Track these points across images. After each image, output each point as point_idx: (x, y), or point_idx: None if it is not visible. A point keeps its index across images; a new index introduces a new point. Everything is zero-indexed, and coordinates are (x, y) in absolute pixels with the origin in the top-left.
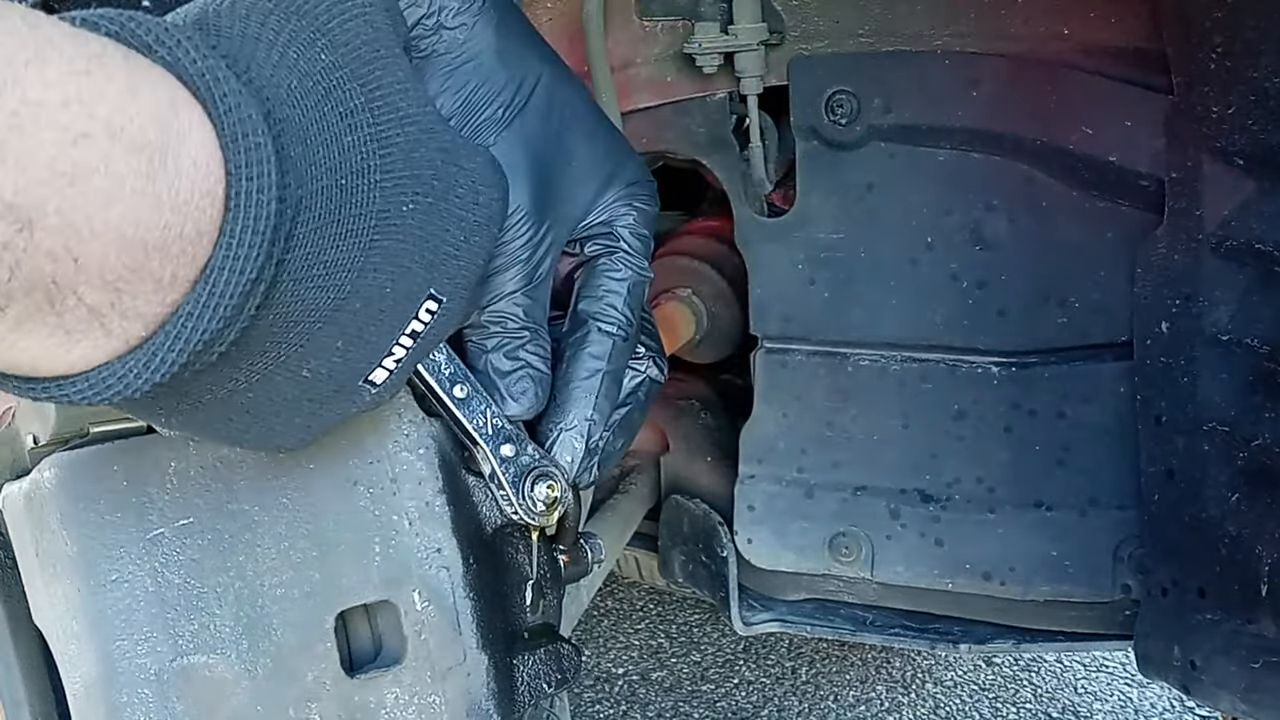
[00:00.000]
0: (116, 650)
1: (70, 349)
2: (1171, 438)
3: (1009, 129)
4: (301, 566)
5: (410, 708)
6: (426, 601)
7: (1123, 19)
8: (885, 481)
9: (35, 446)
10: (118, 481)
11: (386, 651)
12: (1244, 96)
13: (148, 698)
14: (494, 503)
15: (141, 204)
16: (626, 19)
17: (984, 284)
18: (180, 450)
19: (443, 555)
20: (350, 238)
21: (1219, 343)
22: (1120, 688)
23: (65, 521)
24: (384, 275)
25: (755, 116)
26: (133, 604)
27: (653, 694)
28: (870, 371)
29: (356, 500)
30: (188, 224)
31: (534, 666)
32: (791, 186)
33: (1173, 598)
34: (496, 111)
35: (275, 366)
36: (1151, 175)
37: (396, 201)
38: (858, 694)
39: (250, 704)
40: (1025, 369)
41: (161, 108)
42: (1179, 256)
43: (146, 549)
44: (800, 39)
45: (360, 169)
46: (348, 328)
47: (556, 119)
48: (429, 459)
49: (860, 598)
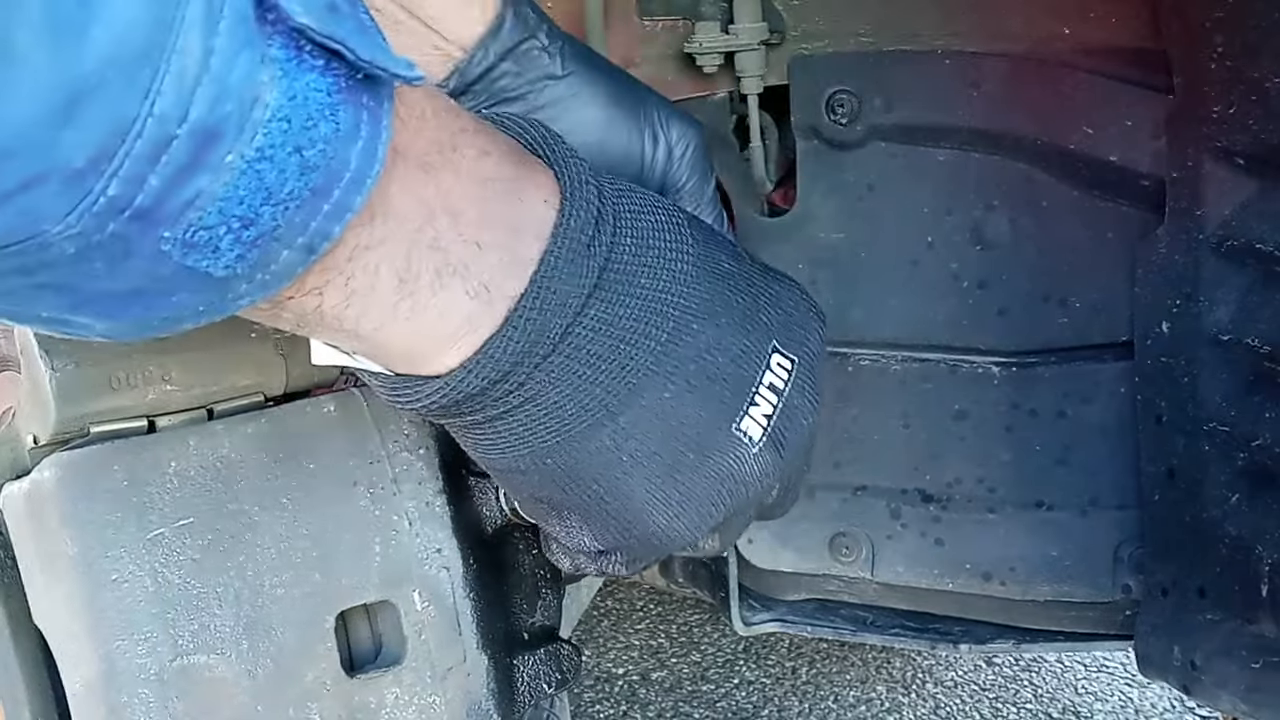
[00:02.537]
0: (116, 650)
1: (459, 321)
2: (1172, 438)
3: (1010, 129)
4: (302, 566)
5: (410, 708)
6: (427, 601)
7: (1123, 19)
8: (886, 481)
9: (35, 446)
10: (118, 481)
11: (386, 651)
12: (1245, 96)
13: (148, 697)
14: (494, 502)
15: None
16: (627, 18)
17: (985, 284)
18: (180, 450)
19: (443, 555)
20: (667, 276)
21: (1219, 343)
22: (1121, 688)
23: (65, 521)
24: (708, 321)
25: (755, 116)
26: (133, 604)
27: (653, 694)
28: (871, 371)
29: (357, 500)
30: (533, 218)
31: (534, 667)
32: (792, 186)
33: (1173, 598)
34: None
35: (627, 377)
36: (1152, 175)
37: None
38: (858, 694)
39: (250, 704)
40: (1026, 369)
41: (522, 152)
42: (1179, 256)
43: (147, 549)
44: (801, 39)
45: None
46: (687, 366)
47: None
48: (429, 459)
49: (860, 598)
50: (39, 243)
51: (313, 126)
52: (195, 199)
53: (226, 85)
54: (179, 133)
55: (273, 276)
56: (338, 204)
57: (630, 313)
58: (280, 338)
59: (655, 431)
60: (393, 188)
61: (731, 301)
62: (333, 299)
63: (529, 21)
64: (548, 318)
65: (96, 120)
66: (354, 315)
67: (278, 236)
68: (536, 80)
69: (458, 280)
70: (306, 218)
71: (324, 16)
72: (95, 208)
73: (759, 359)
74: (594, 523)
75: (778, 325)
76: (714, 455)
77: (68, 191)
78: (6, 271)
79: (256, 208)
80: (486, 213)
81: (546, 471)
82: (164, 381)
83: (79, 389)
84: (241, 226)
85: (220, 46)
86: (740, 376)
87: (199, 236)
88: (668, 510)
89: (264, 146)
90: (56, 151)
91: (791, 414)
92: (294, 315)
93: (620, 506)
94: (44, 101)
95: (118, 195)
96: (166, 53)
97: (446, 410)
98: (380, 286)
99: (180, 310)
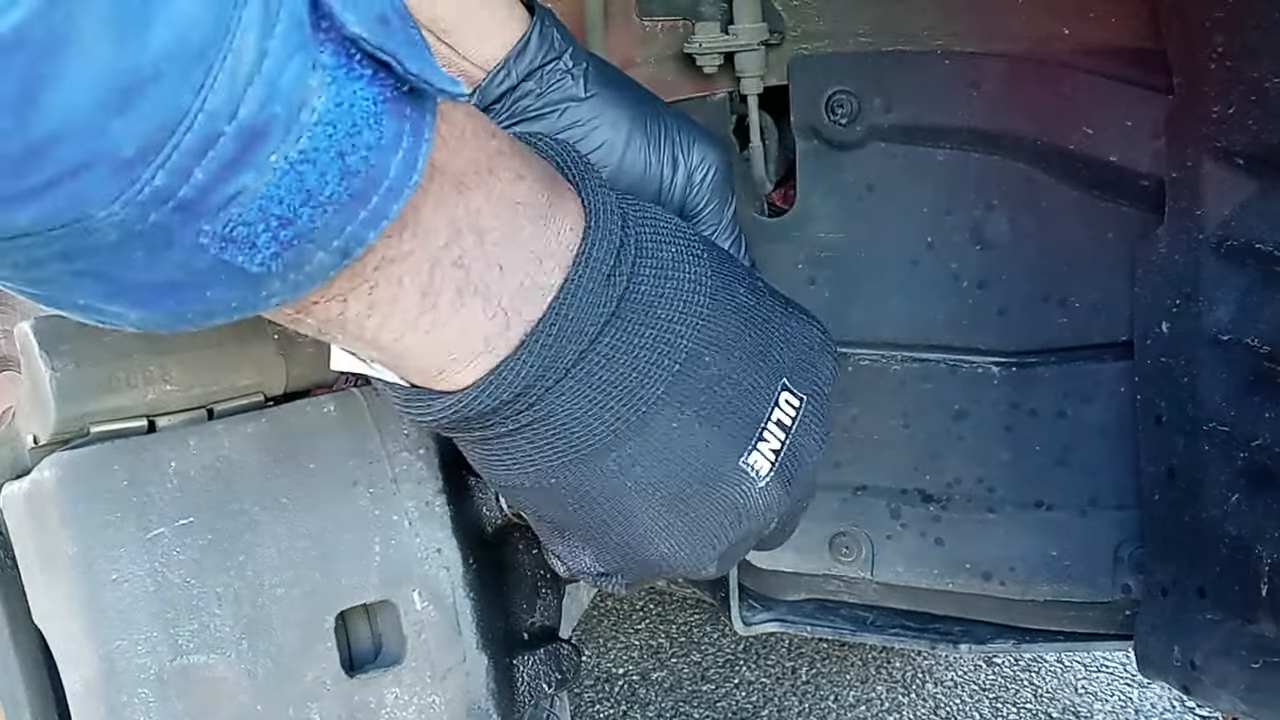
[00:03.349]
0: (116, 650)
1: (480, 336)
2: (1171, 437)
3: (1009, 129)
4: (302, 566)
5: (410, 708)
6: (426, 601)
7: (1123, 19)
8: (886, 481)
9: (35, 446)
10: (118, 481)
11: (386, 651)
12: (1244, 96)
13: (147, 698)
14: (494, 503)
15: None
16: (627, 18)
17: (984, 284)
18: (180, 450)
19: (443, 555)
20: (687, 303)
21: (1219, 343)
22: (1121, 688)
23: (65, 521)
24: (721, 353)
25: (755, 116)
26: (133, 604)
27: (653, 694)
28: (871, 371)
29: (357, 500)
30: (558, 245)
31: (534, 667)
32: (792, 186)
33: (1173, 598)
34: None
35: (637, 408)
36: (1152, 175)
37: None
38: (858, 694)
39: (250, 704)
40: (1026, 369)
41: (554, 178)
42: (1179, 256)
43: (147, 549)
44: (800, 39)
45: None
46: (699, 393)
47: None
48: (429, 459)
49: (860, 598)
50: (84, 227)
51: (357, 133)
52: (237, 195)
53: (277, 87)
54: (227, 130)
55: (305, 278)
56: (375, 210)
57: (645, 342)
58: (280, 338)
59: (662, 459)
60: (427, 202)
61: (745, 335)
62: (355, 307)
63: (554, 43)
64: (563, 345)
65: (149, 112)
66: (375, 325)
67: (314, 238)
68: (559, 101)
69: (478, 300)
70: (343, 222)
71: (375, 28)
72: (140, 196)
73: (769, 395)
74: (596, 545)
75: (789, 362)
76: (720, 487)
77: (115, 179)
78: (48, 257)
79: (296, 208)
80: (513, 236)
81: (551, 491)
82: (164, 381)
83: (79, 389)
84: (280, 225)
85: (274, 50)
86: (750, 411)
87: (238, 232)
88: (671, 538)
89: (308, 149)
90: (108, 139)
91: (798, 451)
92: (317, 321)
93: (623, 531)
94: (101, 90)
95: (163, 186)
96: (222, 52)
97: (456, 425)
98: (403, 299)
99: (213, 305)
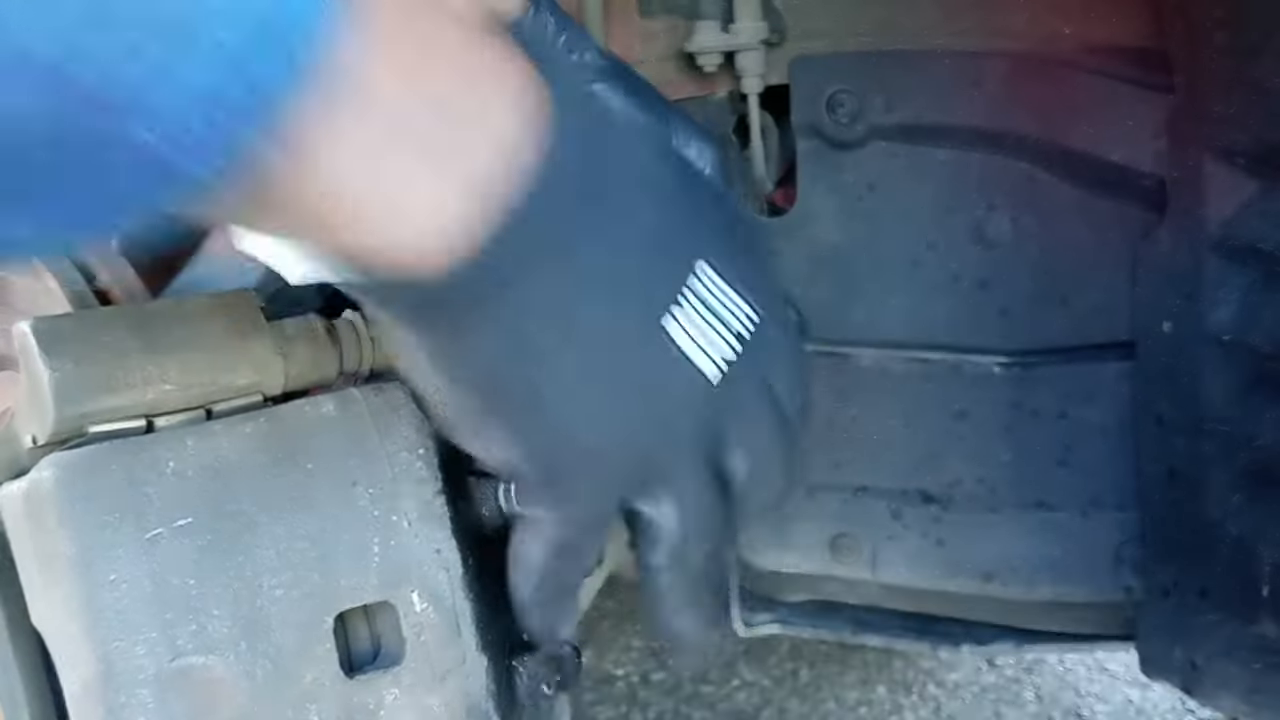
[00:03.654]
0: (114, 651)
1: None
2: (1173, 438)
3: (1011, 128)
4: (300, 567)
5: (409, 709)
6: (426, 603)
7: (1125, 18)
8: (886, 482)
9: (33, 446)
10: (116, 481)
11: (385, 653)
12: (1246, 96)
13: (146, 698)
14: (494, 503)
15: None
16: (627, 17)
17: (986, 284)
18: (178, 450)
19: (442, 556)
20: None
21: (1220, 343)
22: (1123, 689)
23: (63, 521)
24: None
25: (755, 116)
26: (131, 604)
27: (653, 695)
28: (871, 371)
29: (356, 500)
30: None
31: (534, 668)
32: (792, 186)
33: (1174, 598)
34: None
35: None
36: (1153, 175)
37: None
38: (859, 695)
39: (249, 705)
40: (1027, 369)
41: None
42: (1181, 256)
43: (145, 549)
44: (801, 38)
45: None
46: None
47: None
48: (429, 459)
49: (862, 599)
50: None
51: None
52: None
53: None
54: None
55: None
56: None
57: (614, 199)
58: (280, 338)
59: (574, 314)
60: (378, 67)
61: (680, 197)
62: (324, 182)
63: (548, 28)
64: (540, 225)
65: None
66: (349, 203)
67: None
68: None
69: (449, 174)
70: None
71: None
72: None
73: (686, 265)
74: (512, 427)
75: (706, 238)
76: (633, 349)
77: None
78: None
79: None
80: (480, 109)
81: (480, 365)
82: (162, 381)
83: (77, 389)
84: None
85: None
86: (666, 273)
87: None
88: (586, 407)
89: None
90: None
91: (719, 324)
92: (280, 201)
93: (533, 400)
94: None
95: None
96: None
97: (421, 308)
98: (371, 171)
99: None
